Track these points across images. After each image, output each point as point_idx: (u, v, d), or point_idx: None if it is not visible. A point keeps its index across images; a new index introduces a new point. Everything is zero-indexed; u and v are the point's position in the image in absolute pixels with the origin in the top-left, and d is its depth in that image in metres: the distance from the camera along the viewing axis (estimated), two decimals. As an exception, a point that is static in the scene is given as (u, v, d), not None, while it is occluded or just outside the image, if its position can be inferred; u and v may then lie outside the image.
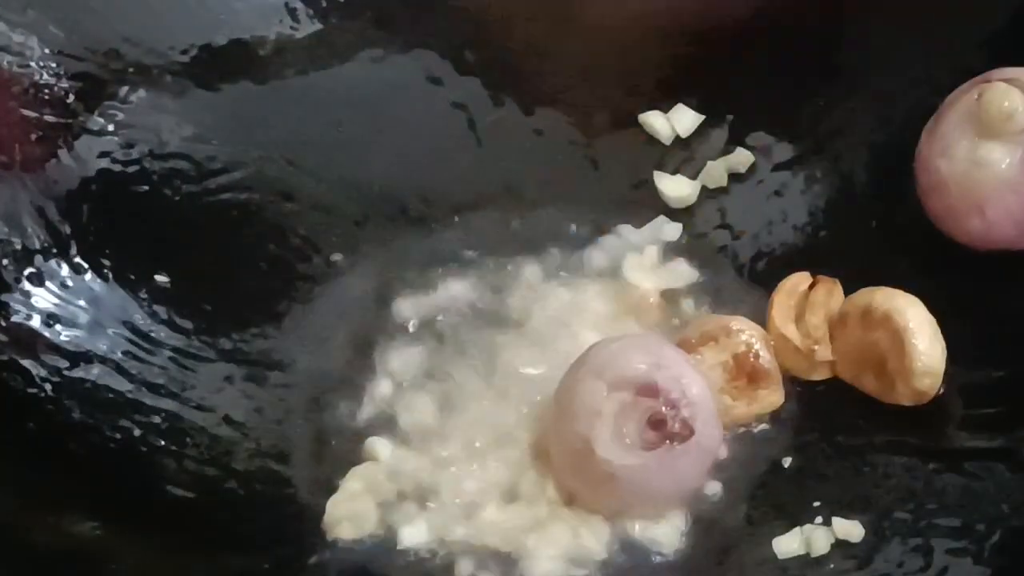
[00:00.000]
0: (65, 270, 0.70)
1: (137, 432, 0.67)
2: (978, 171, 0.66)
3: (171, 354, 0.70)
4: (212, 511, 0.65)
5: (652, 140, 0.77)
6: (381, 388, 0.70)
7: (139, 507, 0.64)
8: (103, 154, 0.73)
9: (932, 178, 0.68)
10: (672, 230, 0.74)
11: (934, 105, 0.69)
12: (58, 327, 0.68)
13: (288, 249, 0.74)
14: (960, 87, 0.68)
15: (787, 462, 0.66)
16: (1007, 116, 0.65)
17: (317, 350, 0.72)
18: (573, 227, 0.75)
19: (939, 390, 0.64)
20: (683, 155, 0.77)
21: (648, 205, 0.75)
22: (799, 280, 0.69)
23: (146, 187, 0.73)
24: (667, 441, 0.61)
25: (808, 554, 0.62)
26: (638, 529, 0.64)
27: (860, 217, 0.73)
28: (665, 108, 0.77)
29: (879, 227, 0.72)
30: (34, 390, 0.66)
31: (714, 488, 0.65)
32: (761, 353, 0.67)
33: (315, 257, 0.74)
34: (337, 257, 0.75)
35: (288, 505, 0.66)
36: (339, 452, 0.68)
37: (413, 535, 0.64)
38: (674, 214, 0.75)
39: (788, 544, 0.62)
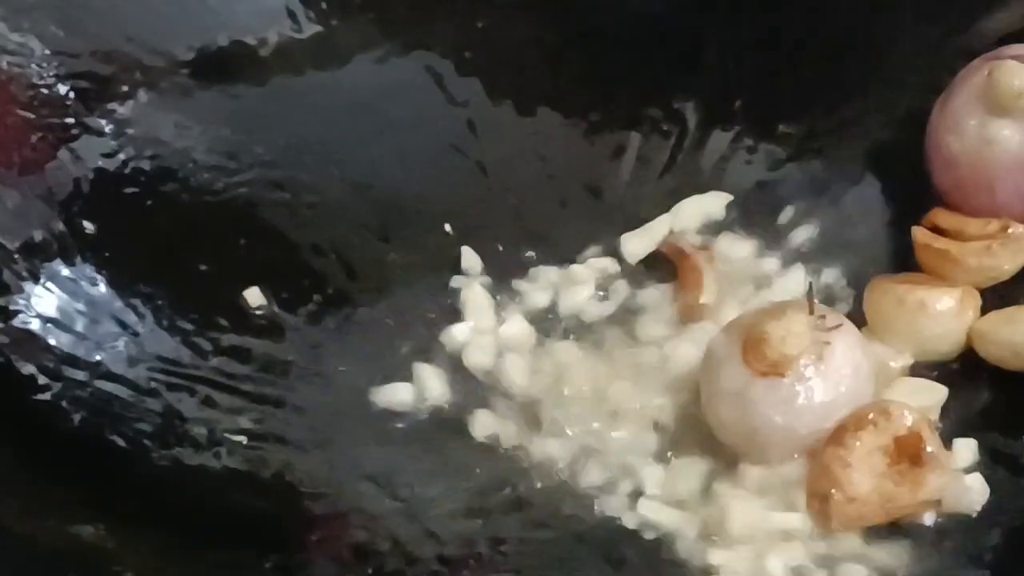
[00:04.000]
0: (65, 272, 0.70)
1: (137, 435, 0.67)
2: (988, 148, 0.65)
3: (171, 356, 0.70)
4: (214, 513, 0.65)
5: (651, 143, 0.77)
6: (393, 393, 0.70)
7: (140, 509, 0.64)
8: (103, 154, 0.73)
9: (942, 154, 0.68)
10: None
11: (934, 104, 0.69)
12: (58, 330, 0.68)
13: (288, 250, 0.74)
14: (971, 64, 0.67)
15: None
16: (1017, 94, 0.64)
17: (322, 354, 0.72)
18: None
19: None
20: (681, 156, 0.77)
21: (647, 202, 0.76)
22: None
23: (146, 188, 0.73)
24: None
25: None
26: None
27: (860, 216, 0.73)
28: (664, 108, 0.77)
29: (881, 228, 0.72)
30: (34, 393, 0.66)
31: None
32: (925, 436, 0.61)
33: (315, 258, 0.75)
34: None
35: (291, 508, 0.66)
36: (344, 454, 0.68)
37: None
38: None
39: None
